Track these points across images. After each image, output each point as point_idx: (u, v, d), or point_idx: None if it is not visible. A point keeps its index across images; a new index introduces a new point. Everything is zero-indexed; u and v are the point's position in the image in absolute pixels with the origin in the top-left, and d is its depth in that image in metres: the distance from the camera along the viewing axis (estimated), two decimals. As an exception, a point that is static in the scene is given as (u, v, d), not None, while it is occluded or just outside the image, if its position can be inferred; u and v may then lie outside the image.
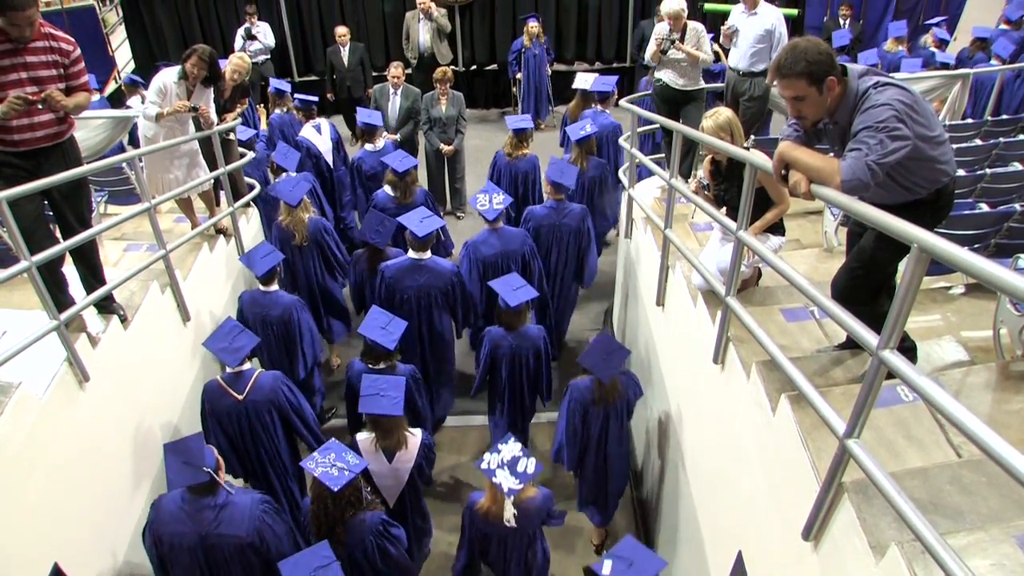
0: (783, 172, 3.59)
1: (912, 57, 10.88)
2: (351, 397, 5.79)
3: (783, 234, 5.01)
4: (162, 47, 13.25)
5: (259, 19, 12.32)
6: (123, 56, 14.33)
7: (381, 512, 4.64)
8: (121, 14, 14.61)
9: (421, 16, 11.90)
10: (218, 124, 7.03)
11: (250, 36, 12.02)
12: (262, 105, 12.00)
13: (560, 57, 13.63)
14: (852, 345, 4.11)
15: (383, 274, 6.62)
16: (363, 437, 5.14)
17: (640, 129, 7.56)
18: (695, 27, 7.72)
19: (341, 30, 11.81)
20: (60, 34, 4.81)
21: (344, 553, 4.41)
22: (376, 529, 4.54)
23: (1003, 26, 10.97)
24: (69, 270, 5.14)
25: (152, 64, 12.57)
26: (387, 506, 5.25)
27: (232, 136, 7.83)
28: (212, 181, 7.00)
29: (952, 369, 4.05)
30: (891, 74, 3.74)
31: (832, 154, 3.57)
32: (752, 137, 7.53)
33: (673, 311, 5.87)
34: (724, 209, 5.00)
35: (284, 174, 7.81)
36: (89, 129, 7.34)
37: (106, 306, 5.29)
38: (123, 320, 5.33)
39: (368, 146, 8.72)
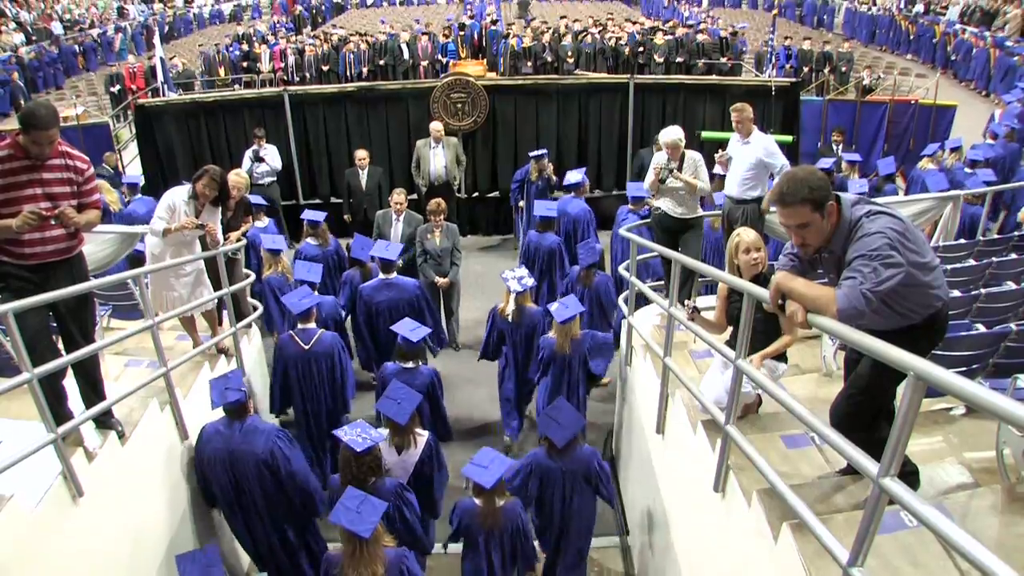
0: (780, 302, 3.64)
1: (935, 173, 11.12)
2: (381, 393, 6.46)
3: (784, 361, 5.02)
4: (172, 164, 13.50)
5: (267, 142, 12.60)
6: (133, 172, 14.60)
7: (396, 480, 5.53)
8: (134, 131, 14.97)
9: (432, 143, 12.17)
10: (223, 244, 7.14)
11: (258, 158, 12.25)
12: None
13: (561, 185, 13.87)
14: (854, 471, 4.08)
15: (361, 293, 8.26)
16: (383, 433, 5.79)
17: (641, 257, 7.67)
18: (693, 156, 7.91)
19: (361, 153, 12.03)
20: (76, 152, 4.96)
21: None
22: (395, 492, 5.38)
23: (989, 140, 11.22)
24: (69, 382, 5.13)
25: (162, 180, 12.83)
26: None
27: (237, 255, 7.91)
28: (215, 300, 7.05)
29: (956, 492, 4.01)
30: (880, 200, 3.83)
31: (827, 280, 3.63)
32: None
33: (673, 439, 5.84)
34: (731, 330, 5.03)
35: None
36: (96, 243, 7.44)
37: (104, 421, 5.25)
38: (121, 436, 5.29)
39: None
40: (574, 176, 10.71)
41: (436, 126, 12.28)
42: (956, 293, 6.23)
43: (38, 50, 25.36)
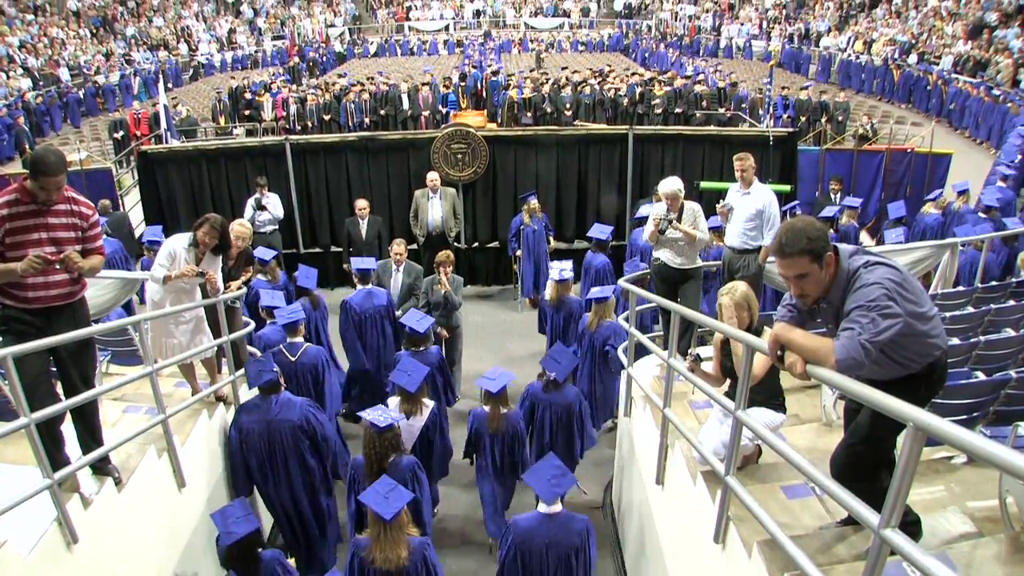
0: (779, 353, 3.65)
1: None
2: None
3: (784, 411, 5.02)
4: (173, 211, 13.57)
5: (269, 190, 12.66)
6: (135, 218, 14.69)
7: (413, 458, 6.36)
8: (136, 177, 15.08)
9: (430, 194, 12.25)
10: (223, 292, 7.15)
11: (260, 206, 12.30)
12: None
13: (561, 236, 13.93)
14: (855, 521, 4.06)
15: (346, 304, 9.02)
16: (393, 402, 6.97)
17: (641, 307, 7.68)
18: (692, 207, 7.96)
19: (361, 203, 12.10)
20: (81, 198, 5.01)
21: None
22: (412, 469, 6.17)
23: (981, 215, 11.28)
24: (67, 427, 5.12)
25: (163, 226, 12.86)
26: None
27: (237, 304, 7.94)
28: (215, 348, 7.05)
29: (959, 542, 3.98)
30: (879, 248, 3.86)
31: (826, 330, 3.64)
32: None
33: (673, 489, 5.81)
34: (728, 382, 5.04)
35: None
36: (97, 288, 7.46)
37: (101, 467, 5.24)
38: (117, 482, 5.27)
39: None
40: (600, 232, 10.81)
41: (432, 176, 12.41)
42: (955, 341, 6.23)
43: (45, 95, 25.71)
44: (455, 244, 12.97)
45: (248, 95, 23.63)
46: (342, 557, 6.90)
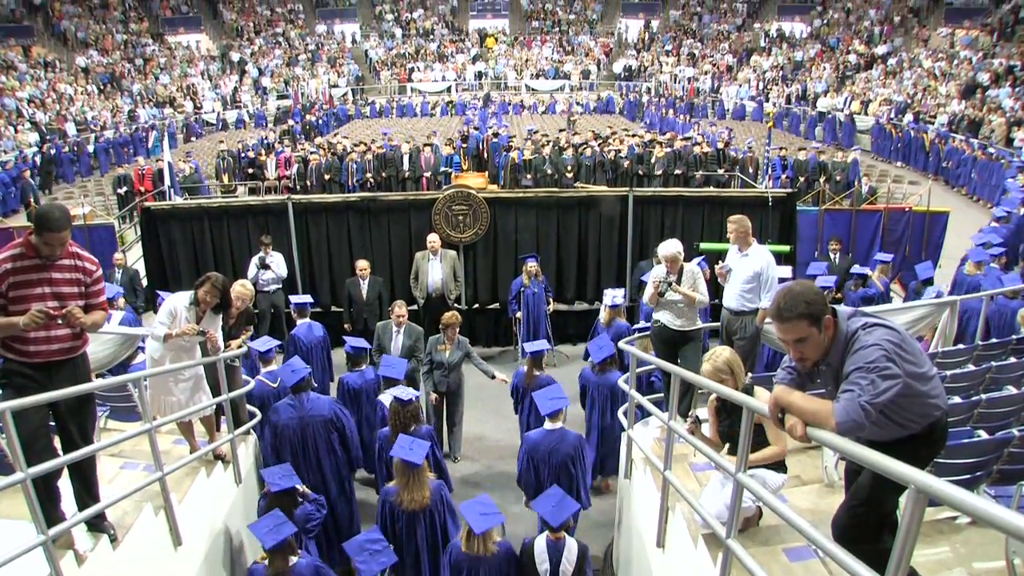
0: (779, 416, 3.65)
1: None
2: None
3: (785, 472, 5.00)
4: (175, 267, 13.59)
5: (272, 249, 12.73)
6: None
7: (431, 427, 7.85)
8: (139, 233, 15.16)
9: (431, 256, 12.29)
10: (224, 351, 7.17)
11: (264, 265, 12.35)
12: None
13: (561, 297, 13.94)
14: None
15: (295, 337, 10.53)
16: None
17: (641, 369, 7.68)
18: (691, 269, 8.00)
19: (362, 264, 12.16)
20: (85, 254, 5.06)
21: None
22: (430, 435, 7.40)
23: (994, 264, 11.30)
24: (63, 482, 5.10)
25: (163, 283, 13.03)
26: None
27: (237, 363, 7.94)
28: (214, 406, 7.03)
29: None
30: (873, 309, 3.88)
31: (826, 391, 3.65)
32: (749, 375, 7.63)
33: (674, 553, 5.75)
34: (728, 446, 5.03)
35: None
36: (97, 343, 7.46)
37: (97, 524, 5.19)
38: (113, 540, 5.23)
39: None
40: (615, 298, 10.90)
41: (433, 238, 12.45)
42: (956, 399, 6.21)
43: (51, 149, 26.11)
44: (455, 306, 12.99)
45: (251, 154, 23.82)
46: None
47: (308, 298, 11.23)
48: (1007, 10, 32.18)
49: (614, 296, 10.69)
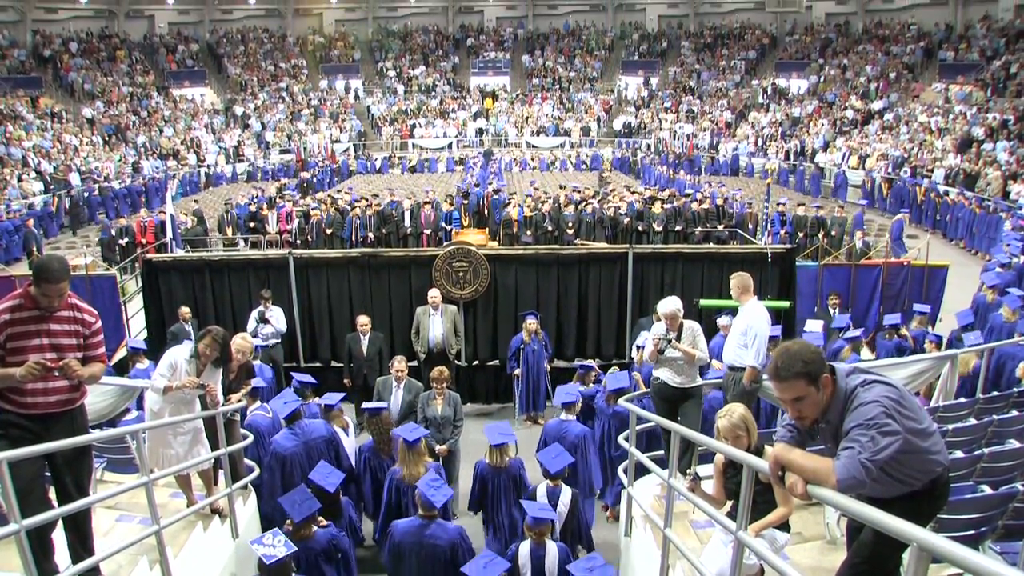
0: (780, 474, 3.64)
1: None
2: None
3: (787, 530, 4.96)
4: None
5: (273, 303, 12.76)
6: (137, 324, 14.74)
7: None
8: (140, 284, 15.18)
9: (431, 311, 12.31)
10: (223, 404, 7.15)
11: (263, 319, 12.36)
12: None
13: (560, 354, 13.92)
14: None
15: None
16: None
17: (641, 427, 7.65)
18: (691, 326, 8.01)
19: (362, 319, 12.18)
20: (84, 306, 5.08)
21: None
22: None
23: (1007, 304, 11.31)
24: (58, 534, 5.06)
25: (162, 335, 12.97)
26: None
27: (236, 417, 7.93)
28: (212, 460, 7.00)
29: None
30: (871, 363, 3.88)
31: (825, 449, 3.64)
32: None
33: (675, 612, 5.70)
34: (731, 504, 5.00)
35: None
36: (96, 394, 7.45)
37: (91, 577, 5.14)
38: (107, 595, 5.17)
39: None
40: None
41: (434, 293, 12.49)
42: (958, 454, 6.17)
43: (55, 198, 26.38)
44: (456, 362, 12.97)
45: (252, 208, 23.95)
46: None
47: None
48: (998, 66, 32.81)
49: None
